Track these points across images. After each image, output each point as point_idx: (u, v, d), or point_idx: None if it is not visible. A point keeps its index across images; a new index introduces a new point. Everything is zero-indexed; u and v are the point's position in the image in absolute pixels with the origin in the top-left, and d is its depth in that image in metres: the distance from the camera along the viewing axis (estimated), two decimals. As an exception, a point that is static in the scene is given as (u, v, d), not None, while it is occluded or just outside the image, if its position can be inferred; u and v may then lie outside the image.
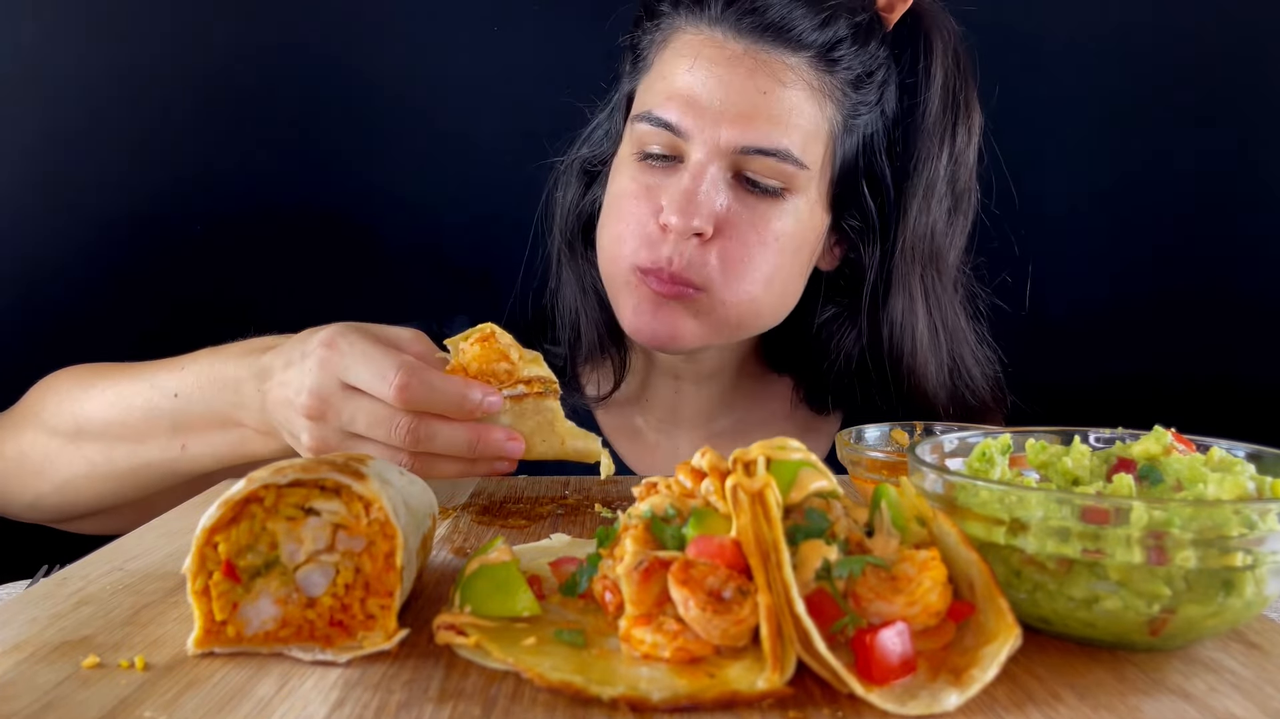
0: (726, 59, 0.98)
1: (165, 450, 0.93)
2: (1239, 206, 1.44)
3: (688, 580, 0.48)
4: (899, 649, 0.46)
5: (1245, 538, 0.48)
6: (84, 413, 0.96)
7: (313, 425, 0.78)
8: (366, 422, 0.77)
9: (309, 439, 0.79)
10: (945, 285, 1.10)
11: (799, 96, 0.98)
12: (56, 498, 1.00)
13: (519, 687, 0.48)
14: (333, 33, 1.39)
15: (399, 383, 0.74)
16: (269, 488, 0.52)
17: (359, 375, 0.76)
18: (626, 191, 1.03)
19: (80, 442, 0.97)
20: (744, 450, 0.53)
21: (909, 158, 1.06)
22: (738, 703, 0.45)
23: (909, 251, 1.07)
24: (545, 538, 0.71)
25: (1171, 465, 0.58)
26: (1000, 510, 0.52)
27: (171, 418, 0.91)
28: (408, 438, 0.76)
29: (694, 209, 0.96)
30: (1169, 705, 0.46)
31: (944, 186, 1.07)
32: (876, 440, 0.81)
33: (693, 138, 0.98)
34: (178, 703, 0.46)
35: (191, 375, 0.90)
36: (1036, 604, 0.53)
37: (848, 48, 1.00)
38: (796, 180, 0.99)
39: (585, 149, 1.15)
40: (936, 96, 1.05)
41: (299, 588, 0.52)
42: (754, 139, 0.96)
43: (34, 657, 0.51)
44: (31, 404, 1.02)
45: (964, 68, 1.08)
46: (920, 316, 1.09)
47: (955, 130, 1.07)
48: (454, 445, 0.77)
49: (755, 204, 0.99)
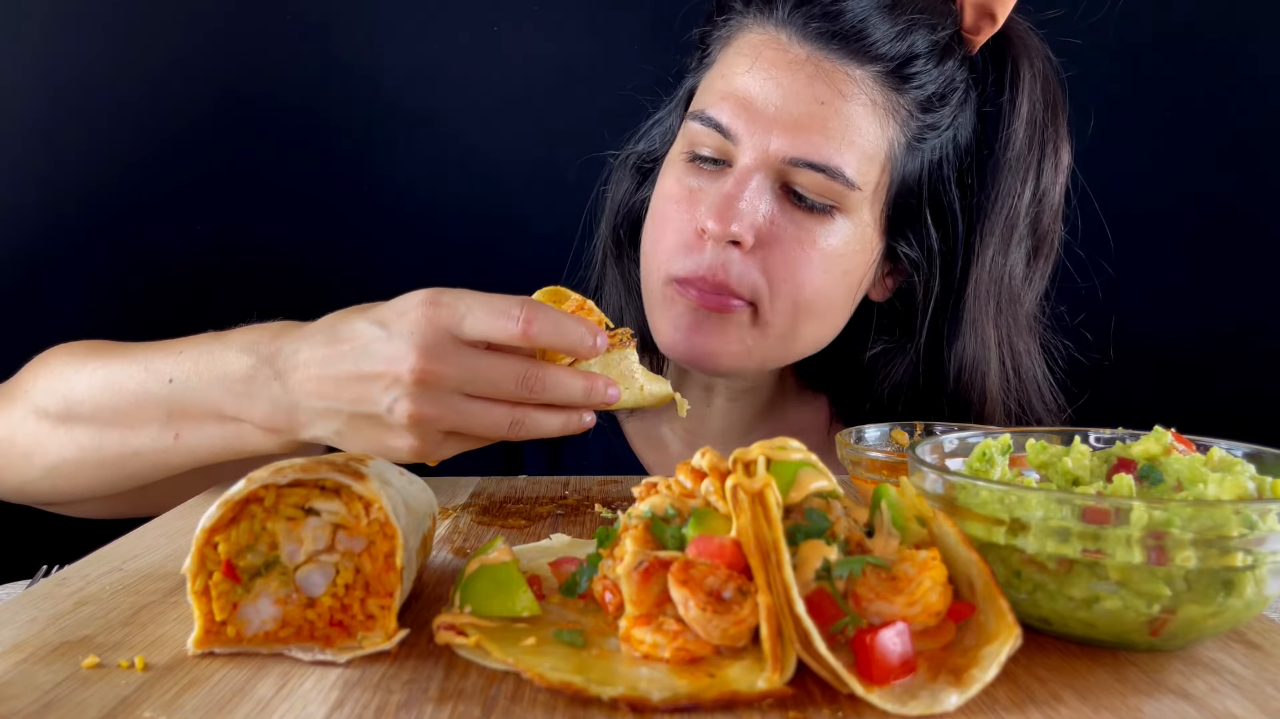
0: (787, 63, 0.93)
1: (157, 440, 0.86)
2: (1239, 205, 1.44)
3: (688, 580, 0.48)
4: (899, 649, 0.46)
5: (1245, 538, 0.48)
6: (74, 394, 0.88)
7: (418, 393, 0.72)
8: (487, 374, 0.73)
9: (408, 409, 0.73)
10: (1021, 330, 1.04)
11: (859, 112, 0.93)
12: (45, 483, 0.93)
13: (519, 687, 0.48)
14: (335, 32, 1.39)
15: (525, 316, 0.72)
16: (269, 488, 0.52)
17: (477, 322, 0.72)
18: (669, 194, 0.99)
19: (70, 425, 0.89)
20: (744, 450, 0.53)
21: (987, 192, 0.99)
22: (738, 703, 0.45)
23: (983, 292, 1.00)
24: (545, 538, 0.72)
25: (1172, 465, 0.58)
26: (1000, 510, 0.52)
27: (165, 405, 0.84)
28: (534, 385, 0.74)
29: (733, 214, 0.91)
30: (1169, 706, 0.46)
31: (1025, 227, 1.00)
32: (876, 440, 0.81)
33: (742, 141, 0.94)
34: (178, 703, 0.46)
35: (189, 361, 0.83)
36: (1037, 604, 0.53)
37: (922, 65, 0.94)
38: (847, 200, 0.94)
39: (642, 144, 1.11)
40: (1022, 129, 0.99)
41: (299, 588, 0.52)
42: (805, 151, 0.92)
43: (34, 657, 0.51)
44: (23, 382, 0.95)
45: (1055, 101, 1.01)
46: (993, 362, 1.02)
47: (1041, 167, 1.00)
48: (570, 393, 0.75)
49: (801, 219, 0.94)
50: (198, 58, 1.36)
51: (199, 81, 1.36)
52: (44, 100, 1.33)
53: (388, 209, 1.41)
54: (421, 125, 1.39)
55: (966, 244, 1.00)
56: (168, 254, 1.37)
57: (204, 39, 1.36)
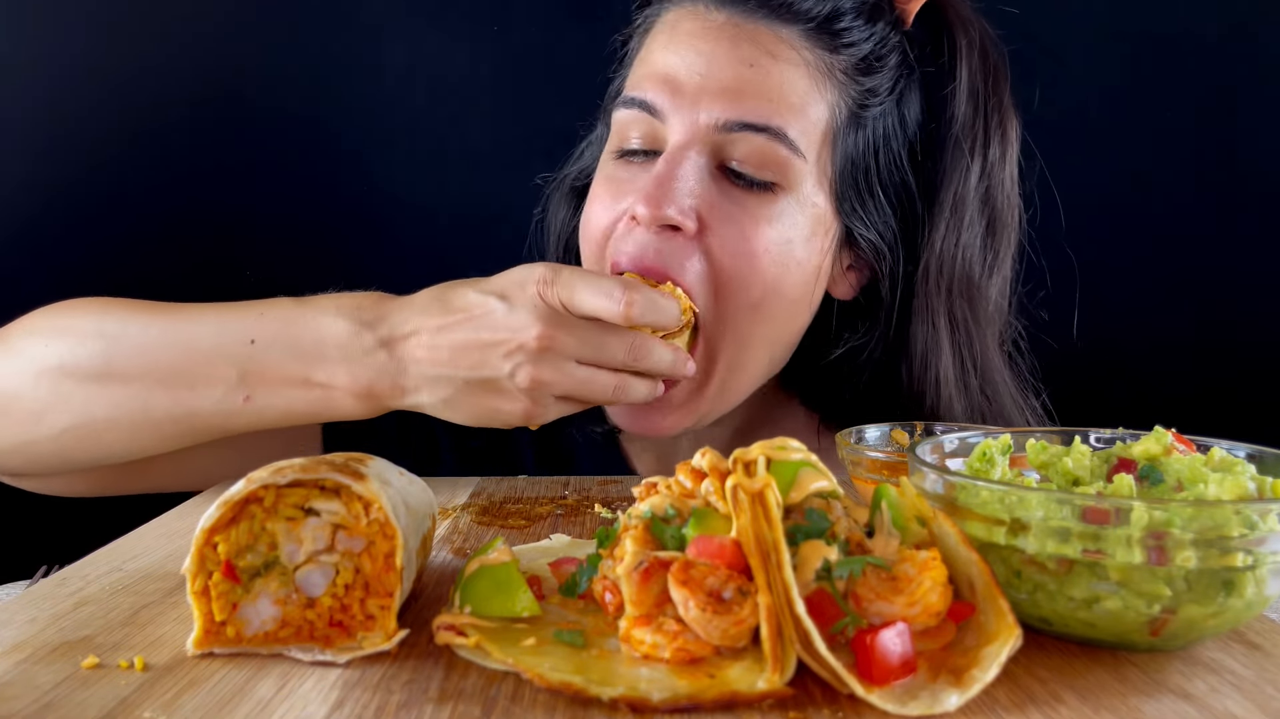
0: (707, 30, 0.88)
1: (222, 402, 0.82)
2: (1239, 206, 1.44)
3: (688, 581, 0.48)
4: (899, 650, 0.46)
5: (1246, 538, 0.48)
6: (120, 350, 0.83)
7: (541, 359, 0.77)
8: (603, 343, 0.78)
9: (531, 374, 0.77)
10: (979, 320, 0.97)
11: (793, 73, 0.87)
12: (50, 445, 0.86)
13: (519, 687, 0.47)
14: (331, 35, 1.38)
15: (627, 299, 0.77)
16: (268, 488, 0.52)
17: (585, 298, 0.77)
18: (594, 195, 0.93)
19: (106, 382, 0.83)
20: (744, 450, 0.53)
21: (935, 167, 0.94)
22: (738, 703, 0.45)
23: (934, 276, 0.94)
24: (545, 538, 0.71)
25: (1172, 466, 0.58)
26: (1001, 511, 0.52)
27: (240, 366, 0.81)
28: (640, 354, 0.79)
29: (667, 196, 0.84)
30: (1169, 706, 0.46)
31: (976, 205, 0.95)
32: (877, 440, 0.81)
33: (669, 118, 0.88)
34: (177, 703, 0.46)
35: (275, 322, 0.81)
36: (1037, 604, 0.53)
37: (850, 21, 0.89)
38: (790, 172, 0.87)
39: (574, 165, 1.05)
40: (964, 100, 0.94)
41: (299, 588, 0.52)
42: (740, 113, 0.85)
43: (33, 657, 0.51)
44: (20, 337, 0.88)
45: (995, 70, 0.96)
46: (945, 352, 0.95)
47: (988, 140, 0.95)
48: (661, 362, 0.81)
49: (742, 198, 0.87)
50: (193, 60, 1.36)
51: (193, 84, 1.36)
52: (36, 101, 1.33)
53: (386, 211, 1.41)
54: (420, 126, 1.39)
55: (924, 225, 0.94)
56: (163, 251, 1.37)
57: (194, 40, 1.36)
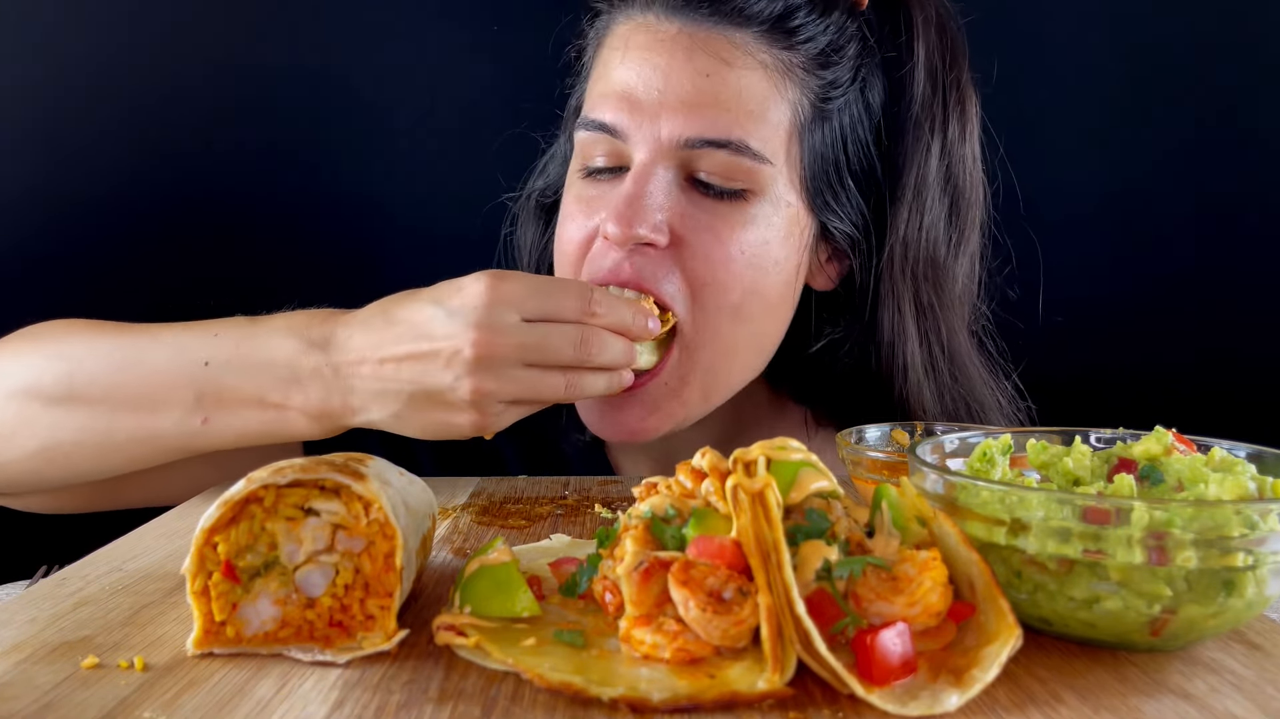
0: (659, 43, 0.86)
1: (181, 424, 0.81)
2: (1240, 206, 1.44)
3: (688, 581, 0.48)
4: (899, 650, 0.46)
5: (1246, 538, 0.48)
6: (80, 373, 0.83)
7: (479, 368, 0.74)
8: (545, 344, 0.76)
9: (471, 384, 0.74)
10: (947, 303, 0.96)
11: (751, 78, 0.85)
12: (23, 467, 0.86)
13: (519, 687, 0.47)
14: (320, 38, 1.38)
15: (592, 299, 0.77)
16: (268, 488, 0.52)
17: (539, 303, 0.76)
18: (566, 213, 0.92)
19: (70, 406, 0.83)
20: (744, 450, 0.53)
21: (897, 148, 0.93)
22: (738, 704, 0.45)
23: (899, 260, 0.93)
24: (545, 538, 0.71)
25: (1172, 466, 0.58)
26: (1001, 511, 0.52)
27: (197, 389, 0.80)
28: (590, 349, 0.77)
29: (638, 215, 0.84)
30: (1170, 706, 0.46)
31: (938, 185, 0.94)
32: (877, 440, 0.81)
33: (631, 137, 0.87)
34: (177, 703, 0.46)
35: (228, 343, 0.80)
36: (1037, 605, 0.53)
37: (804, 16, 0.88)
38: (759, 178, 0.86)
39: (538, 181, 1.04)
40: (922, 79, 0.93)
41: (298, 588, 0.52)
42: (700, 129, 0.84)
43: (33, 657, 0.51)
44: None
45: (953, 47, 0.95)
46: (912, 336, 0.94)
47: (947, 118, 0.94)
48: (613, 352, 0.79)
49: (713, 207, 0.86)
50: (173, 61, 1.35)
51: (197, 81, 1.36)
52: (36, 101, 1.33)
53: (387, 211, 1.40)
54: (420, 126, 1.39)
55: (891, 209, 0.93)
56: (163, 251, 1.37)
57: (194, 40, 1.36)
